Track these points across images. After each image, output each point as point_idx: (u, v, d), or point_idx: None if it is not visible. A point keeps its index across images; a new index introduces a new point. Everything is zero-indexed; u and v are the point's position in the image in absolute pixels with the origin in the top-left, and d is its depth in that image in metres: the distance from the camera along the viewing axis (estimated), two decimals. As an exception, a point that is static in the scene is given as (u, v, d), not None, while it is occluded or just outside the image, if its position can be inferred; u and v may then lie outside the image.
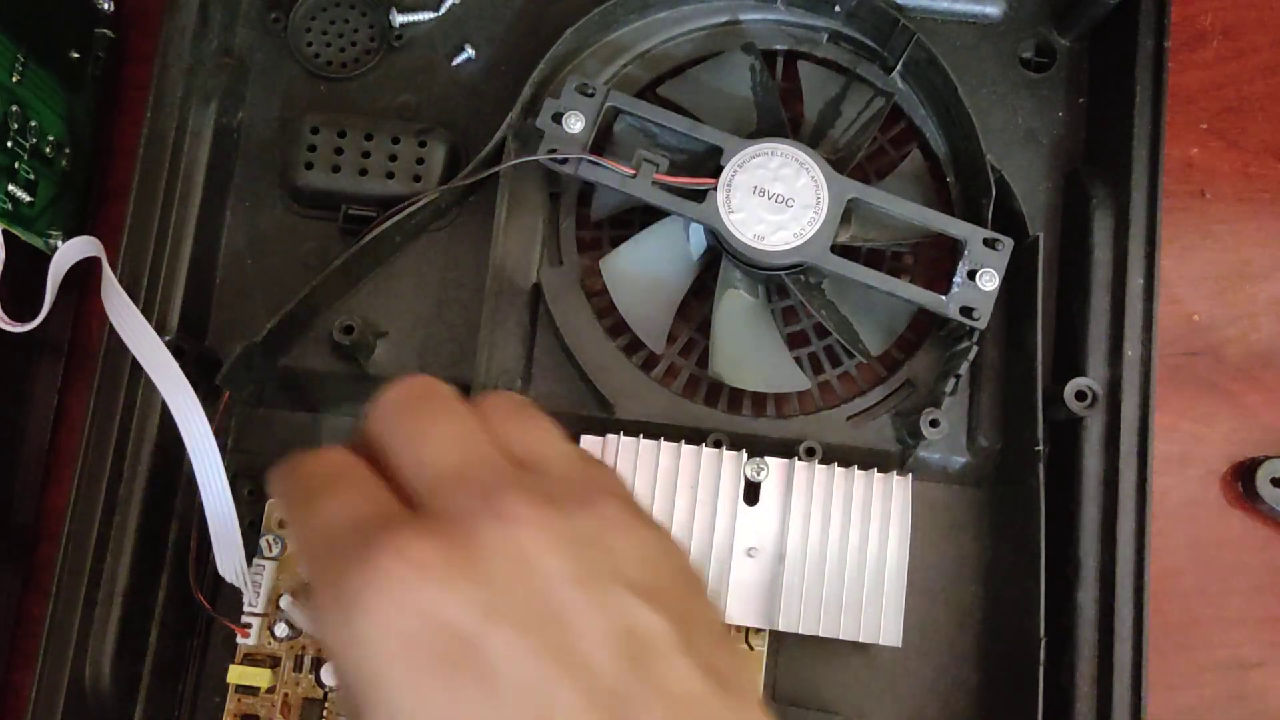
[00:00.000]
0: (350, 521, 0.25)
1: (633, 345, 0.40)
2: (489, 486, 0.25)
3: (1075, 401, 0.37)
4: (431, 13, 0.42)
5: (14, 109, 0.37)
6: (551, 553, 0.25)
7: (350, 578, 0.24)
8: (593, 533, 0.26)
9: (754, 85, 0.41)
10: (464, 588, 0.24)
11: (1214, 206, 0.44)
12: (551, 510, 0.25)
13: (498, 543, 0.24)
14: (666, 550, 0.27)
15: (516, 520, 0.25)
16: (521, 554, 0.24)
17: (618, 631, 0.25)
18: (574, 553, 0.25)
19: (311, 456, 0.28)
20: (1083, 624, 0.36)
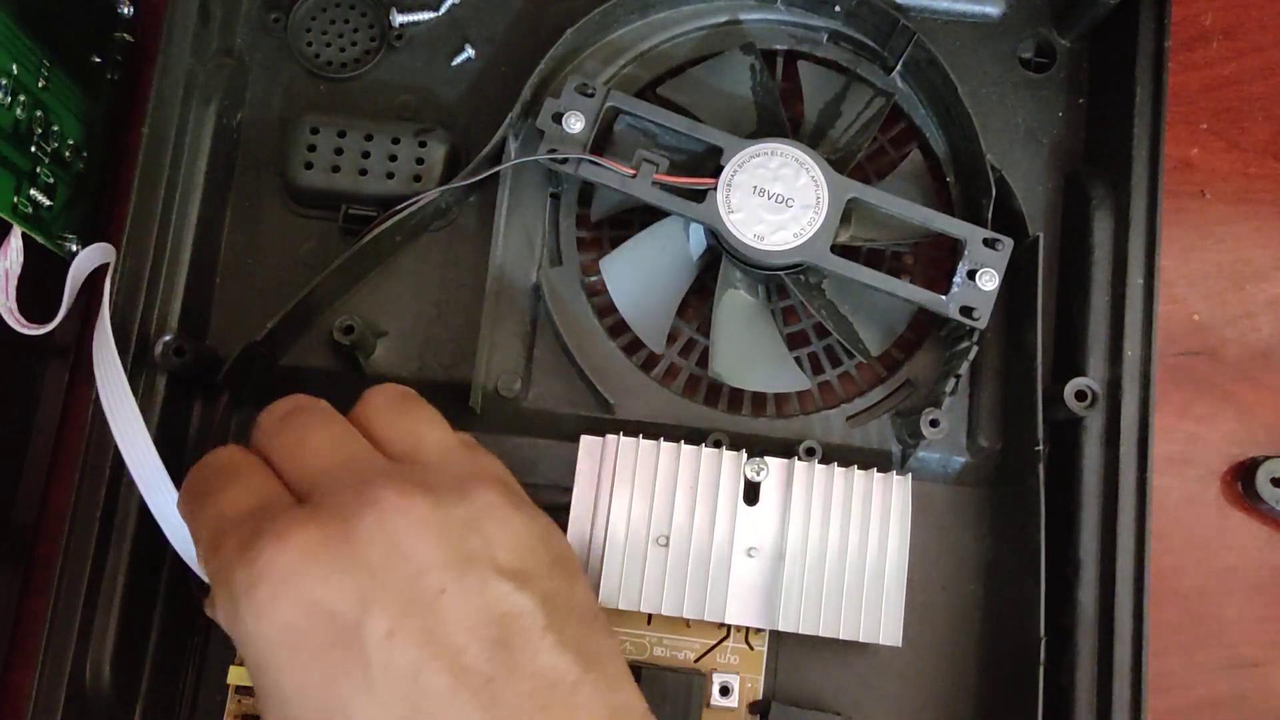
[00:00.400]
0: (238, 515, 0.27)
1: (633, 345, 0.40)
2: (363, 479, 0.27)
3: (1075, 401, 0.37)
4: (431, 13, 0.42)
5: (38, 114, 0.37)
6: (425, 540, 0.26)
7: (237, 570, 0.25)
8: (466, 519, 0.27)
9: (754, 85, 0.41)
10: (341, 576, 0.25)
11: (1214, 206, 0.44)
12: (424, 498, 0.26)
13: (373, 531, 0.26)
14: (541, 535, 0.29)
15: (390, 508, 0.26)
16: (395, 541, 0.26)
17: (487, 615, 0.26)
18: (447, 539, 0.26)
19: (208, 455, 0.30)
20: (1083, 624, 0.36)
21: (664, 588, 0.36)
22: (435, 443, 0.29)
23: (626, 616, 0.37)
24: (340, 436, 0.29)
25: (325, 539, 0.25)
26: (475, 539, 0.27)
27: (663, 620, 0.37)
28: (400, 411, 0.30)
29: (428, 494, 0.27)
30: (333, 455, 0.28)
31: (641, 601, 0.36)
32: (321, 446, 0.28)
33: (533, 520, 0.29)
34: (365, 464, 0.28)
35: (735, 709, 0.37)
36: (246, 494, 0.27)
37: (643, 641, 0.37)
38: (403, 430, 0.29)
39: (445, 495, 0.27)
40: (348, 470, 0.27)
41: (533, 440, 0.39)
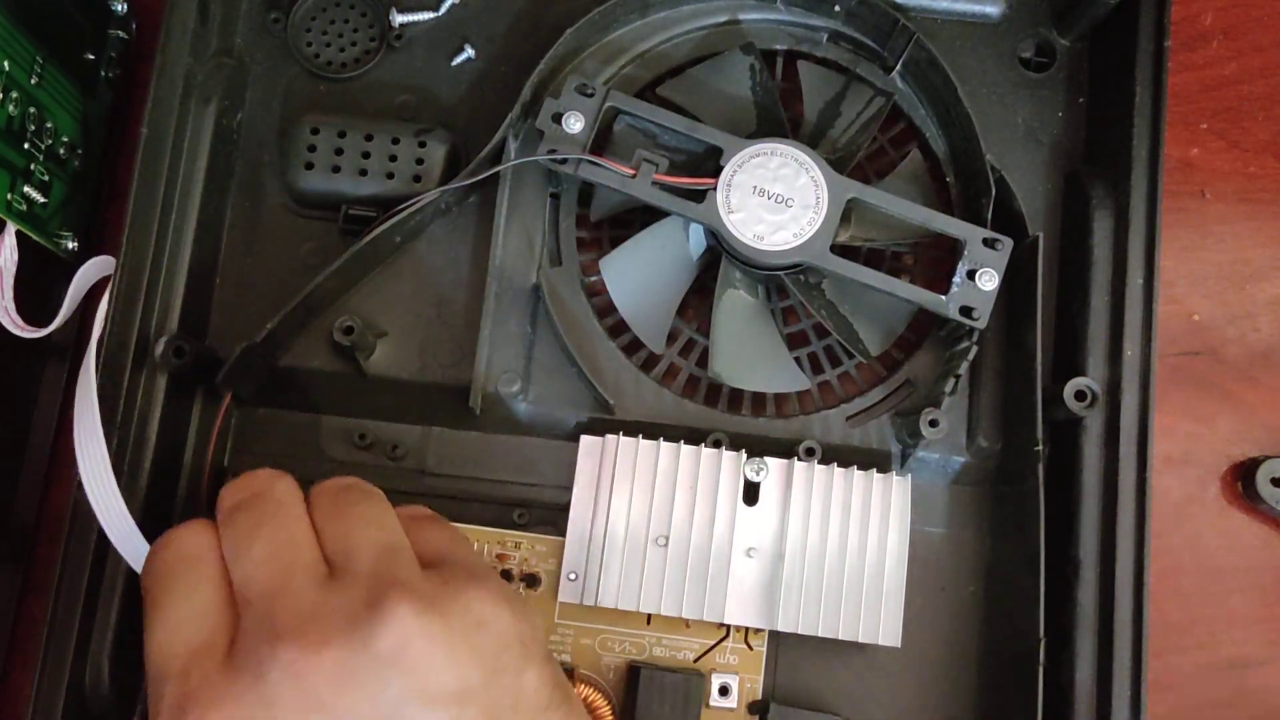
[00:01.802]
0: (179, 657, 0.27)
1: (633, 345, 0.40)
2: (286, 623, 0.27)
3: (1075, 401, 0.37)
4: (431, 13, 0.42)
5: (31, 111, 0.37)
6: (345, 694, 0.26)
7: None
8: (389, 652, 0.26)
9: (754, 85, 0.41)
10: None
11: (1214, 206, 0.44)
12: (346, 642, 0.26)
13: (294, 696, 0.26)
14: (481, 625, 0.28)
15: (308, 670, 0.26)
16: (319, 702, 0.26)
17: None
18: (370, 686, 0.26)
19: (173, 535, 0.30)
20: (1082, 624, 0.36)
21: (663, 588, 0.36)
22: (368, 545, 0.29)
23: (626, 616, 0.37)
24: (279, 545, 0.29)
25: (248, 711, 0.26)
26: (400, 677, 0.26)
27: (662, 620, 0.37)
28: (335, 514, 0.30)
29: (347, 634, 0.26)
30: (267, 572, 0.28)
31: (641, 601, 0.36)
32: (259, 558, 0.28)
33: (466, 614, 0.28)
34: (291, 592, 0.27)
35: (734, 709, 0.37)
36: (192, 621, 0.28)
37: (642, 641, 0.37)
38: (338, 532, 0.29)
39: (364, 627, 0.26)
40: (275, 600, 0.27)
41: (533, 440, 0.39)
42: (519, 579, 0.37)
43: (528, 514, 0.38)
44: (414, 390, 0.39)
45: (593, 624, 0.37)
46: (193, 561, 0.29)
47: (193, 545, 0.29)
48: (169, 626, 0.28)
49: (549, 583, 0.37)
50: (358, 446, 0.39)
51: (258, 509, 0.29)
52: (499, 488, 0.38)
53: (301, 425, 0.39)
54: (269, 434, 0.39)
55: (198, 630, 0.28)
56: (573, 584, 0.37)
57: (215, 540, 0.29)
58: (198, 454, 0.38)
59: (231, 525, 0.29)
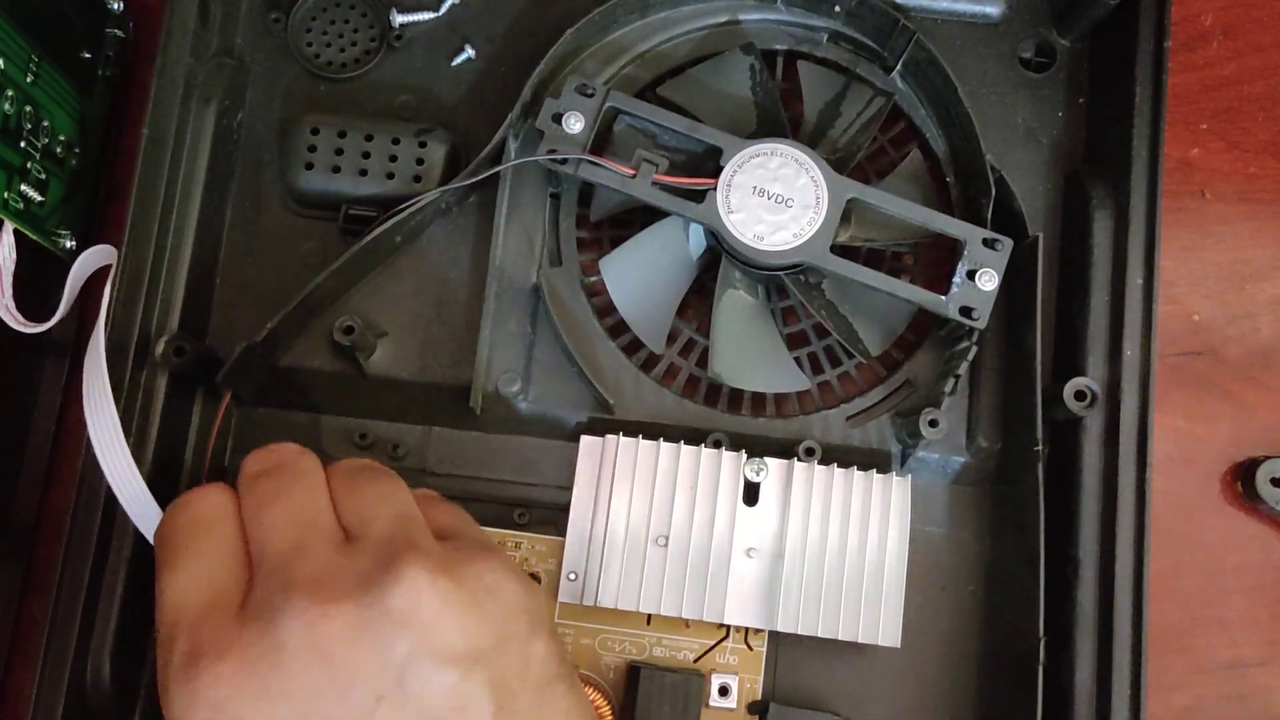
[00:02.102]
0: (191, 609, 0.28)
1: (633, 345, 0.40)
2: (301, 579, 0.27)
3: (1075, 401, 0.37)
4: (431, 13, 0.42)
5: (27, 109, 0.37)
6: (356, 647, 0.26)
7: (175, 687, 0.26)
8: (402, 609, 0.26)
9: (753, 85, 0.41)
10: (273, 704, 0.26)
11: (1214, 206, 0.44)
12: (359, 598, 0.26)
13: (302, 644, 0.26)
14: (491, 592, 0.28)
15: (318, 615, 0.26)
16: (328, 655, 0.26)
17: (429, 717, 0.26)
18: (381, 640, 0.26)
19: (190, 495, 0.30)
20: (1082, 624, 0.36)
21: (663, 588, 0.36)
22: (387, 514, 0.29)
23: (626, 616, 0.37)
24: (299, 510, 0.29)
25: (258, 660, 0.26)
26: (411, 633, 0.26)
27: (662, 620, 0.37)
28: (353, 488, 0.30)
29: (360, 592, 0.26)
30: (285, 534, 0.28)
31: (641, 601, 0.36)
32: (278, 520, 0.29)
33: (477, 580, 0.28)
34: (308, 553, 0.28)
35: (734, 709, 0.37)
36: (206, 575, 0.28)
37: (642, 641, 0.37)
38: (355, 504, 0.30)
39: (381, 584, 0.27)
40: (292, 558, 0.28)
41: (533, 440, 0.39)
42: (519, 579, 0.38)
43: (528, 514, 0.38)
44: (414, 390, 0.39)
45: (593, 624, 0.37)
46: (211, 521, 0.29)
47: (211, 507, 0.30)
48: (182, 582, 0.28)
49: (549, 583, 0.37)
50: (358, 446, 0.39)
51: (280, 477, 0.30)
52: (499, 488, 0.39)
53: (302, 425, 0.39)
54: (269, 434, 0.39)
55: (211, 585, 0.28)
56: (573, 584, 0.37)
57: (234, 504, 0.30)
58: (198, 454, 0.38)
59: (253, 490, 0.30)
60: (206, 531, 0.29)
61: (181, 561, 0.29)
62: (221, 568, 0.28)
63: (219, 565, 0.28)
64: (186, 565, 0.28)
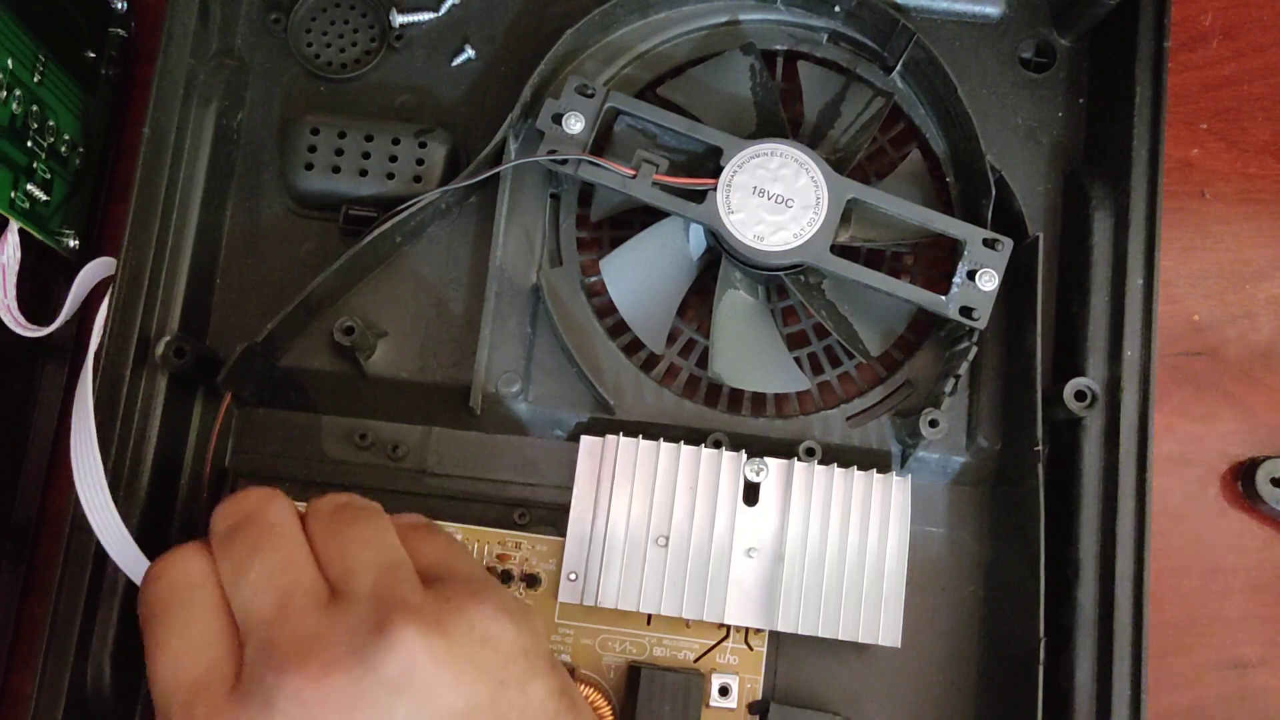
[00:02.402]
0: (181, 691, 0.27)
1: (633, 345, 0.40)
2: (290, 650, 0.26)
3: (1075, 401, 0.37)
4: (431, 13, 0.42)
5: (34, 108, 0.37)
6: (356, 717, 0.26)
7: None
8: (395, 677, 0.26)
9: (753, 85, 0.41)
10: None
11: (1214, 206, 0.44)
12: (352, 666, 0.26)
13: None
14: (485, 641, 0.27)
15: (316, 698, 0.26)
16: None
17: None
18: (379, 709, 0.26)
19: (165, 562, 0.29)
20: (1082, 624, 0.36)
21: (664, 588, 0.36)
22: (368, 565, 0.29)
23: (626, 616, 0.37)
24: (277, 570, 0.28)
25: None
26: (406, 700, 0.26)
27: (662, 620, 0.37)
28: (332, 534, 0.29)
29: (353, 659, 0.26)
30: (266, 598, 0.28)
31: (641, 601, 0.36)
32: (258, 583, 0.28)
33: (470, 632, 0.27)
34: (293, 617, 0.27)
35: (734, 709, 0.37)
36: (193, 651, 0.28)
37: (643, 641, 0.37)
38: (335, 552, 0.29)
39: (370, 652, 0.26)
40: (278, 627, 0.27)
41: (533, 440, 0.39)
42: (519, 579, 0.38)
43: (528, 514, 0.38)
44: (414, 390, 0.39)
45: (593, 624, 0.37)
46: (189, 590, 0.28)
47: (188, 573, 0.29)
48: (170, 658, 0.27)
49: (549, 583, 0.37)
50: (358, 446, 0.39)
51: (252, 532, 0.29)
52: (499, 488, 0.38)
53: (301, 425, 0.39)
54: (269, 434, 0.39)
55: (200, 661, 0.27)
56: (573, 584, 0.37)
57: (210, 565, 0.29)
58: (198, 454, 0.38)
59: (227, 550, 0.29)
60: (187, 602, 0.28)
61: (165, 636, 0.28)
62: (208, 642, 0.28)
63: (204, 639, 0.28)
64: (171, 640, 0.28)
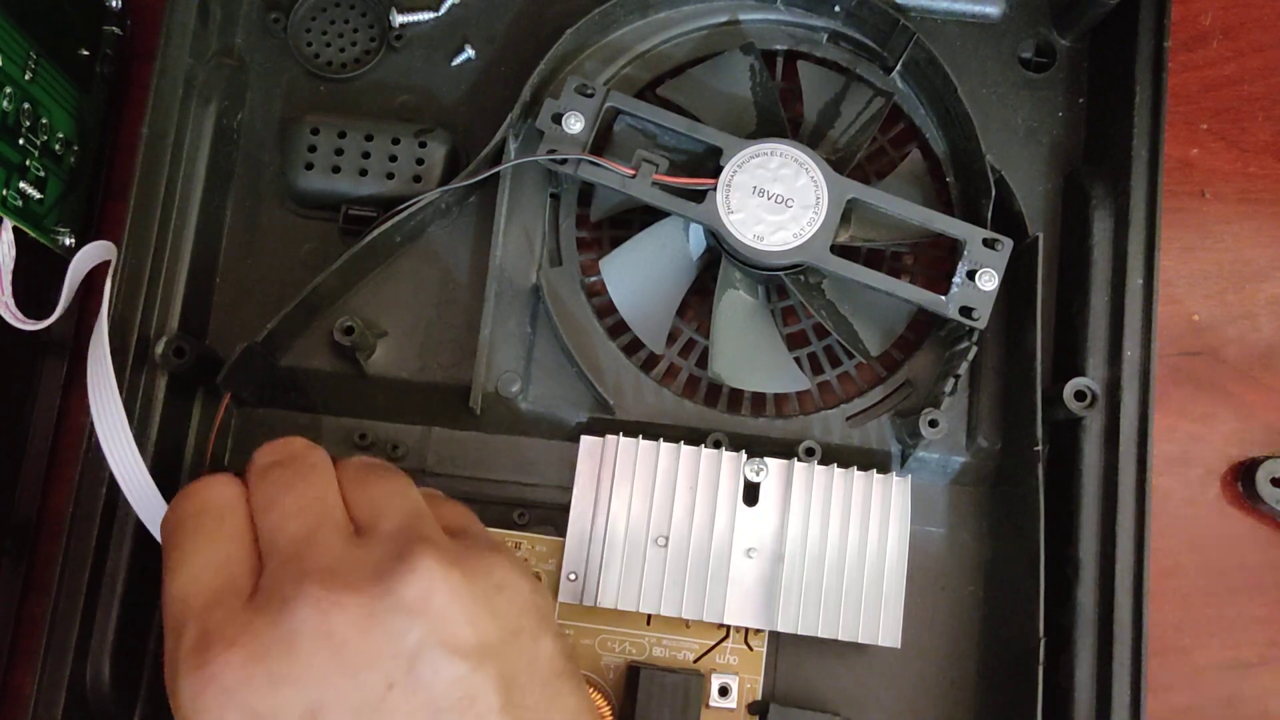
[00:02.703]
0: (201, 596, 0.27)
1: (633, 345, 0.40)
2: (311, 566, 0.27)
3: (1075, 401, 0.37)
4: (431, 13, 0.42)
5: (26, 106, 0.37)
6: (368, 634, 0.26)
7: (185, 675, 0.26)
8: (413, 599, 0.26)
9: (753, 85, 0.41)
10: (285, 688, 0.26)
11: (1214, 206, 0.44)
12: (371, 587, 0.26)
13: (314, 632, 0.26)
14: (501, 588, 0.28)
15: (330, 605, 0.26)
16: (340, 642, 0.26)
17: (438, 706, 0.26)
18: (392, 628, 0.26)
19: (199, 484, 0.30)
20: (1082, 624, 0.36)
21: (663, 588, 0.36)
22: (397, 509, 0.30)
23: (626, 616, 0.37)
24: (311, 501, 0.29)
25: (269, 647, 0.26)
26: (423, 623, 0.26)
27: (662, 620, 0.37)
28: (363, 482, 0.31)
29: (373, 581, 0.27)
30: (297, 523, 0.28)
31: (641, 601, 0.36)
32: (290, 510, 0.29)
33: (487, 577, 0.28)
34: (320, 544, 0.28)
35: (734, 709, 0.37)
36: (215, 563, 0.28)
37: (642, 641, 0.37)
38: (365, 498, 0.30)
39: (390, 577, 0.27)
40: (304, 547, 0.28)
41: (533, 440, 0.39)
42: (519, 579, 0.38)
43: (528, 514, 0.38)
44: (414, 390, 0.39)
45: (593, 624, 0.37)
46: (221, 510, 0.29)
47: (220, 496, 0.30)
48: (192, 570, 0.28)
49: (549, 583, 0.37)
50: (358, 446, 0.39)
51: (291, 468, 0.30)
52: (499, 488, 0.38)
53: (301, 425, 0.39)
54: (269, 434, 0.39)
55: (221, 573, 0.28)
56: (573, 584, 0.37)
57: (243, 493, 0.30)
58: (197, 454, 0.38)
59: (263, 481, 0.30)
60: (216, 520, 0.29)
61: (191, 549, 0.29)
62: (231, 556, 0.28)
63: (229, 553, 0.28)
64: (196, 553, 0.28)
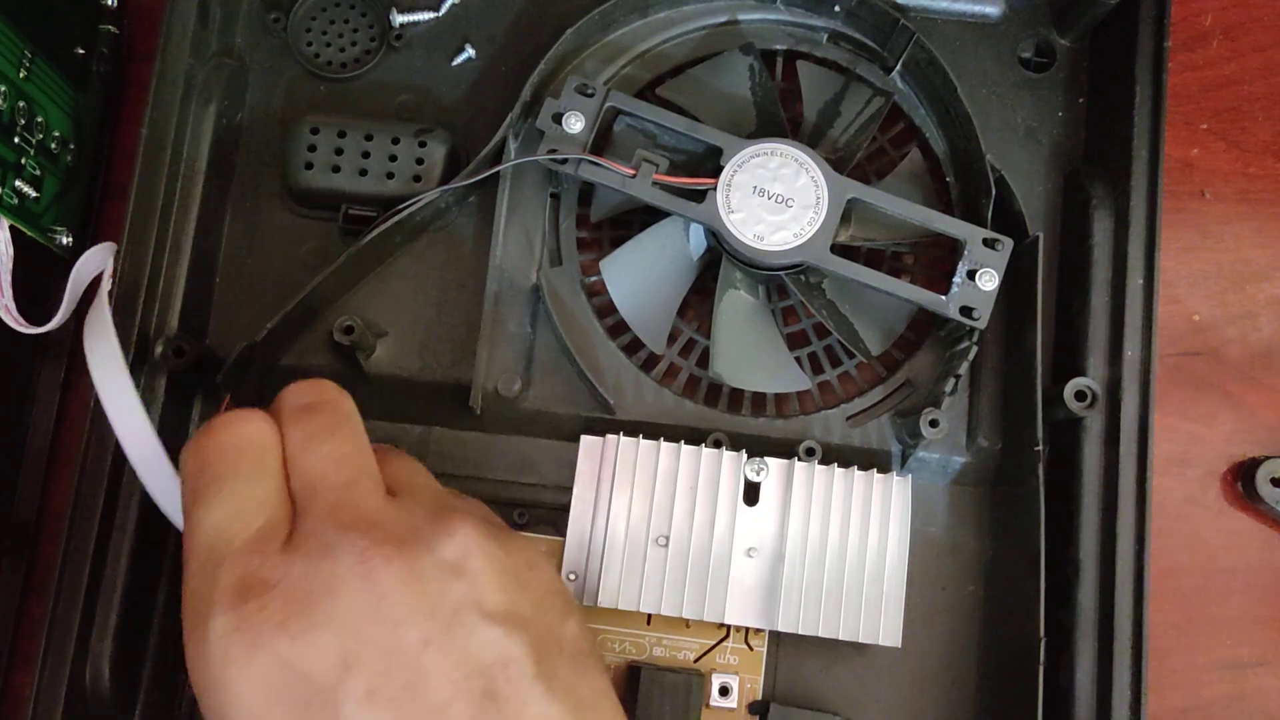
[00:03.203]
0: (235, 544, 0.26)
1: (633, 345, 0.40)
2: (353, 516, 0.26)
3: (1075, 401, 0.37)
4: (431, 13, 0.42)
5: (20, 105, 0.37)
6: (408, 588, 0.25)
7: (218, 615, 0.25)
8: (452, 562, 0.26)
9: (753, 85, 0.41)
10: (322, 634, 0.25)
11: (1214, 206, 0.44)
12: (412, 543, 0.26)
13: (356, 581, 0.25)
14: (531, 566, 0.28)
15: (374, 556, 0.25)
16: (378, 594, 0.25)
17: (473, 666, 0.25)
18: (431, 588, 0.26)
19: (226, 419, 0.29)
20: (1083, 624, 0.36)
21: (664, 588, 0.36)
22: (425, 483, 0.30)
23: (626, 616, 0.37)
24: (351, 451, 0.29)
25: (309, 592, 0.25)
26: (461, 584, 0.26)
27: (662, 620, 0.37)
28: (390, 453, 0.31)
29: (414, 537, 0.26)
30: (338, 471, 0.28)
31: (641, 601, 0.36)
32: (331, 456, 0.28)
33: (520, 555, 0.28)
34: (360, 494, 0.27)
35: (734, 709, 0.37)
36: (255, 502, 0.27)
37: (642, 641, 0.37)
38: (397, 467, 0.30)
39: (432, 534, 0.27)
40: (345, 495, 0.27)
41: (533, 440, 0.39)
42: (519, 579, 0.38)
43: (528, 514, 0.38)
44: (414, 390, 0.39)
45: (593, 624, 0.37)
46: (260, 449, 0.28)
47: (259, 433, 0.29)
48: (231, 507, 0.27)
49: (549, 583, 0.37)
50: (358, 446, 0.39)
51: (329, 413, 0.29)
52: (499, 488, 0.38)
53: (301, 425, 0.39)
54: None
55: (262, 513, 0.27)
56: (573, 584, 0.37)
57: (278, 434, 0.29)
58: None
59: (301, 421, 0.29)
60: (257, 457, 0.28)
61: (230, 485, 0.27)
62: (271, 497, 0.27)
63: (269, 493, 0.27)
64: (236, 490, 0.27)
